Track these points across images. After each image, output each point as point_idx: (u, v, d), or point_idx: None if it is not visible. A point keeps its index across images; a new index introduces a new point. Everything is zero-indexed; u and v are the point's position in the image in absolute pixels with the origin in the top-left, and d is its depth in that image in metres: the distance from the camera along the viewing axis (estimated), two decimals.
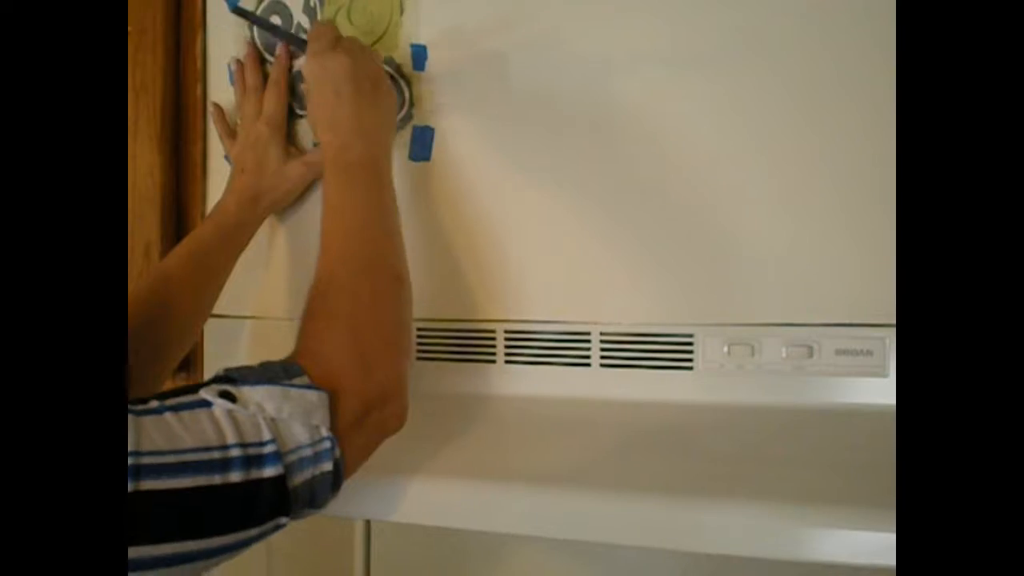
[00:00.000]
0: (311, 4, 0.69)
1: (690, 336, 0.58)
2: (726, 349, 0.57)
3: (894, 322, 0.54)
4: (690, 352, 0.58)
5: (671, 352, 0.59)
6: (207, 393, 0.41)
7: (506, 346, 0.63)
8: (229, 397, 0.41)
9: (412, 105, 0.66)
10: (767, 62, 0.57)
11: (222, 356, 0.72)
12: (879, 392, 0.55)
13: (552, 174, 0.62)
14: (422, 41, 0.65)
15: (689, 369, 0.58)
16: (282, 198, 0.68)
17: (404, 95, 0.66)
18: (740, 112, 0.58)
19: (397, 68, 0.66)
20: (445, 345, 0.65)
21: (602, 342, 0.60)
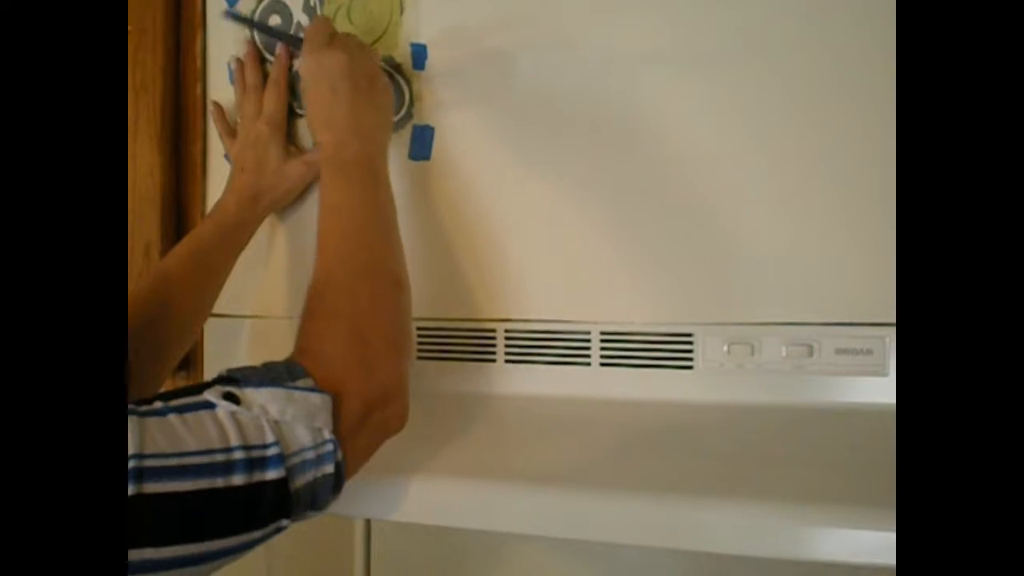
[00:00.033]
0: (311, 3, 0.69)
1: (690, 335, 0.58)
2: (726, 348, 0.57)
3: (894, 321, 0.54)
4: (690, 351, 0.58)
5: (671, 351, 0.59)
6: (211, 395, 0.40)
7: (506, 345, 0.63)
8: (233, 399, 0.41)
9: (412, 104, 0.66)
10: (767, 62, 0.57)
11: (222, 356, 0.72)
12: (879, 391, 0.55)
13: (552, 173, 0.62)
14: (422, 40, 0.65)
15: (689, 368, 0.58)
16: (282, 197, 0.68)
17: (404, 94, 0.66)
18: (740, 112, 0.58)
19: (397, 67, 0.66)
20: (445, 344, 0.65)
21: (602, 341, 0.61)
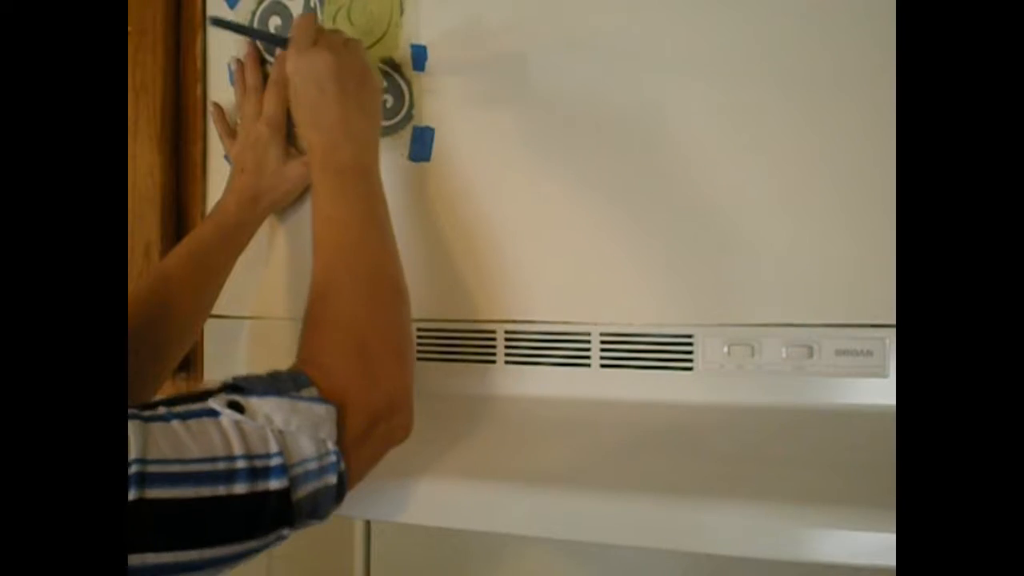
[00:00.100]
0: (311, 4, 0.69)
1: (690, 336, 0.58)
2: (726, 349, 0.57)
3: (894, 322, 0.54)
4: (690, 352, 0.58)
5: (671, 352, 0.59)
6: (215, 403, 0.40)
7: (506, 346, 0.63)
8: (237, 407, 0.40)
9: (412, 105, 0.66)
10: (767, 62, 0.57)
11: (222, 356, 0.72)
12: (879, 392, 0.55)
13: (552, 174, 0.62)
14: (422, 41, 0.65)
15: (689, 369, 0.58)
16: (282, 198, 0.68)
17: (404, 95, 0.66)
18: (740, 112, 0.58)
19: (397, 68, 0.66)
20: (445, 345, 0.65)
21: (602, 342, 0.60)
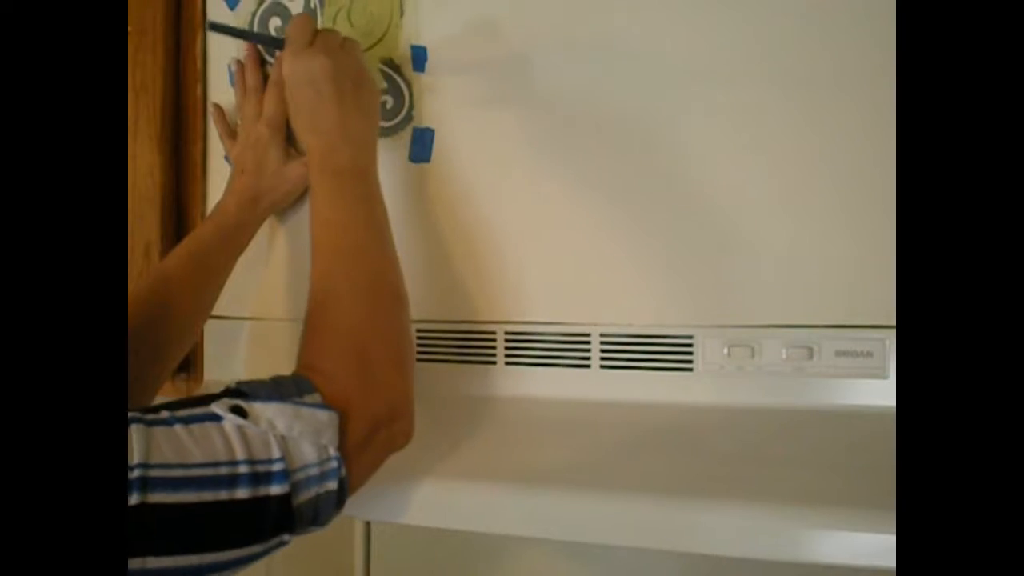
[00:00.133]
0: (311, 5, 0.69)
1: (690, 338, 0.58)
2: (726, 351, 0.57)
3: (894, 323, 0.54)
4: (690, 354, 0.58)
5: (671, 354, 0.59)
6: (218, 407, 0.40)
7: (506, 347, 0.63)
8: (240, 412, 0.41)
9: (412, 106, 0.66)
10: (767, 62, 0.57)
11: (222, 356, 0.72)
12: (879, 394, 0.54)
13: (552, 175, 0.62)
14: (422, 42, 0.65)
15: (689, 371, 0.58)
16: (282, 199, 0.67)
17: (404, 96, 0.66)
18: (740, 112, 0.57)
19: (397, 69, 0.66)
20: (445, 346, 0.65)
21: (602, 343, 0.60)
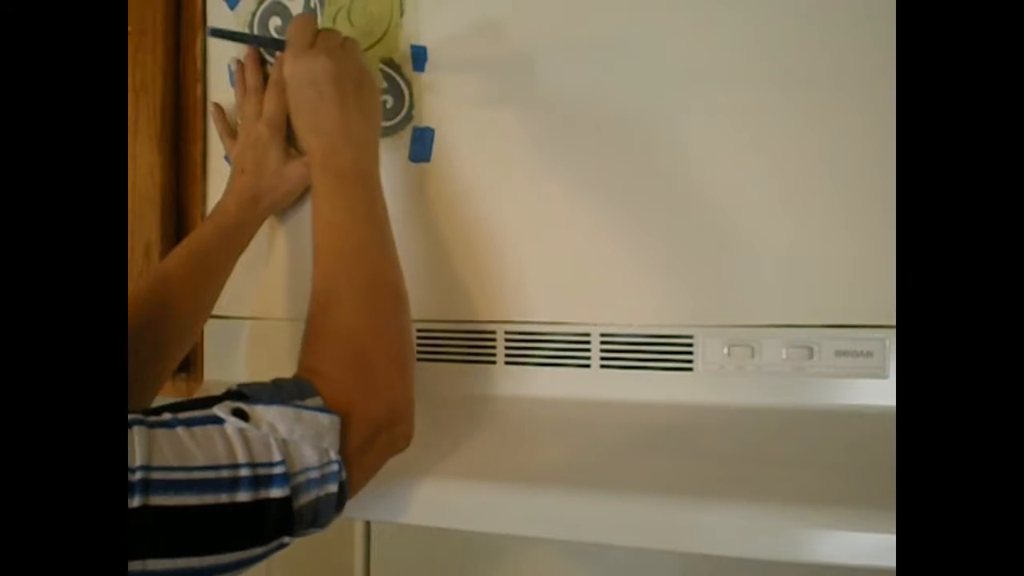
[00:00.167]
0: (311, 5, 0.69)
1: (690, 337, 0.58)
2: (726, 350, 0.57)
3: (894, 323, 0.54)
4: (690, 353, 0.58)
5: (671, 353, 0.59)
6: (220, 410, 0.41)
7: (506, 347, 0.63)
8: (241, 415, 0.41)
9: (412, 106, 0.66)
10: (767, 62, 0.57)
11: (222, 357, 0.72)
12: (879, 393, 0.54)
13: (553, 174, 0.62)
14: (422, 42, 0.65)
15: (689, 370, 0.58)
16: (282, 199, 0.67)
17: (404, 96, 0.66)
18: (740, 112, 0.57)
19: (397, 69, 0.66)
20: (445, 346, 0.65)
21: (602, 343, 0.60)
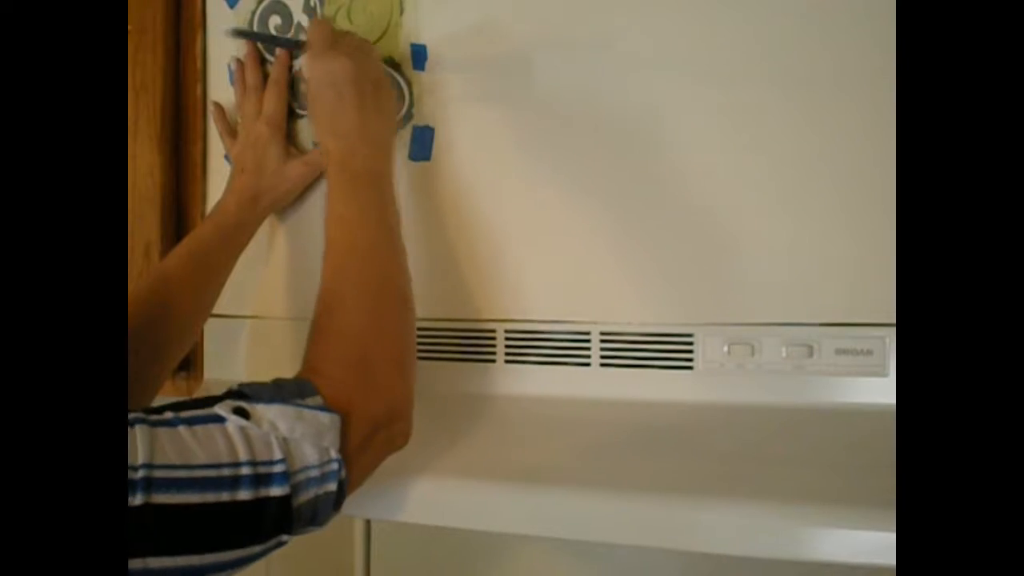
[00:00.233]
0: (311, 4, 0.69)
1: (690, 336, 0.58)
2: (726, 349, 0.57)
3: (894, 321, 0.54)
4: (690, 352, 0.58)
5: (671, 352, 0.59)
6: (221, 409, 0.41)
7: (506, 346, 0.63)
8: (243, 414, 0.41)
9: (412, 105, 0.66)
10: (767, 62, 0.57)
11: (222, 356, 0.72)
12: (879, 392, 0.55)
13: (552, 174, 0.62)
14: (422, 41, 0.65)
15: (689, 369, 0.58)
16: (282, 198, 0.67)
17: (404, 95, 0.66)
18: (740, 112, 0.57)
19: (397, 67, 0.66)
20: (445, 345, 0.65)
21: (602, 342, 0.60)
